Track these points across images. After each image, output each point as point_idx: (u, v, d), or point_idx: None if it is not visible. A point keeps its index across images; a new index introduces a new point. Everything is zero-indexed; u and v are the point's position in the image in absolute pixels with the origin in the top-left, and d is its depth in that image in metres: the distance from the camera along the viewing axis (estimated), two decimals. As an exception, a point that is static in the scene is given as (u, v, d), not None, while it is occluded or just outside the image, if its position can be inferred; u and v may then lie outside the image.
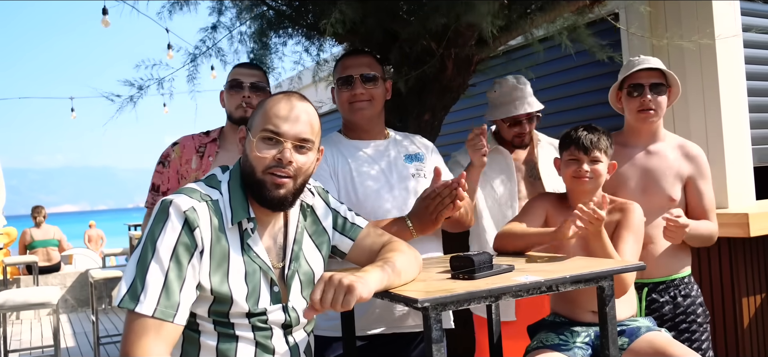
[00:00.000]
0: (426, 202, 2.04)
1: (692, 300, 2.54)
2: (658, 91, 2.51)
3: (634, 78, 2.53)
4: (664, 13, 4.02)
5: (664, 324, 2.49)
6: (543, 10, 2.89)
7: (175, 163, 2.47)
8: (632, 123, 2.59)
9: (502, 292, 1.56)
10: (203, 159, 2.45)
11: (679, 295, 2.53)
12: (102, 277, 6.12)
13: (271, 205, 1.59)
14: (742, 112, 3.94)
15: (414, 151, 2.39)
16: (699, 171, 2.56)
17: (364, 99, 2.28)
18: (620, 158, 2.56)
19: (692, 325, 2.52)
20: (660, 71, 2.53)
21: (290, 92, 1.67)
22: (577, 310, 2.23)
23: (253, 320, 1.57)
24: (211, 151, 2.47)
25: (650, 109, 2.50)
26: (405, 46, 2.92)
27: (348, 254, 1.83)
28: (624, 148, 2.60)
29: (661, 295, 2.52)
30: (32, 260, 8.77)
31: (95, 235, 12.91)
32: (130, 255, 8.13)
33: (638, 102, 2.51)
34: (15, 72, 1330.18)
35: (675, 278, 2.53)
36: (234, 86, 2.47)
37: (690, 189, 2.56)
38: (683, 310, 2.52)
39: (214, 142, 2.50)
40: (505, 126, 2.91)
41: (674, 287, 2.53)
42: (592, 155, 2.21)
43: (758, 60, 4.12)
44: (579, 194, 2.25)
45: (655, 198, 2.50)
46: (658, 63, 2.53)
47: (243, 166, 1.63)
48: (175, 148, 2.49)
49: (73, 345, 7.09)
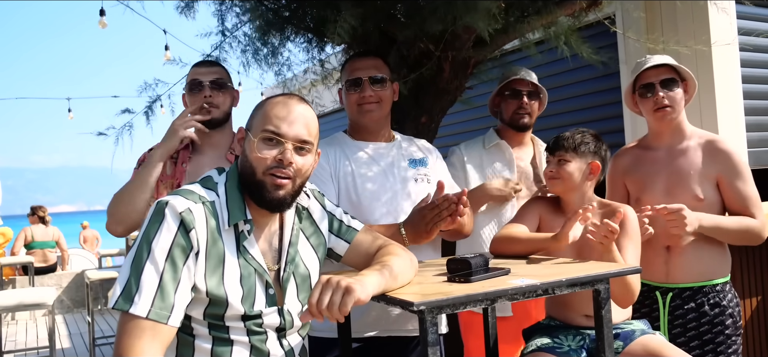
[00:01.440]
0: (422, 213, 2.03)
1: (721, 309, 2.41)
2: (670, 86, 2.46)
3: (643, 78, 2.50)
4: (661, 17, 4.03)
5: (687, 333, 2.43)
6: (539, 14, 2.89)
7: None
8: (652, 124, 2.55)
9: (498, 295, 1.56)
10: (177, 165, 2.37)
11: (706, 304, 2.42)
12: (98, 277, 6.11)
13: (271, 205, 1.59)
14: (738, 116, 3.95)
15: (418, 155, 2.39)
16: (729, 167, 2.44)
17: (373, 101, 2.29)
18: (644, 161, 2.54)
19: (718, 336, 2.41)
20: (670, 67, 2.48)
21: (289, 93, 1.68)
22: (570, 313, 2.24)
23: (248, 323, 1.57)
24: (184, 158, 2.38)
25: (665, 106, 2.45)
26: (402, 48, 2.92)
27: (344, 257, 1.83)
28: (648, 150, 2.57)
29: (686, 302, 2.44)
30: (28, 260, 8.74)
31: (91, 235, 12.86)
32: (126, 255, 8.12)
33: (652, 101, 2.47)
34: (13, 72, 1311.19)
35: (705, 285, 2.43)
36: (194, 87, 2.37)
37: (723, 187, 2.44)
38: (709, 319, 2.41)
39: (187, 149, 2.40)
40: (506, 104, 2.88)
41: (702, 295, 2.42)
42: (558, 155, 2.25)
43: (754, 63, 4.14)
44: (564, 197, 2.29)
45: (680, 198, 2.39)
46: (666, 59, 2.50)
47: (242, 167, 1.62)
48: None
49: (69, 346, 7.08)
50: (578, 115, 4.67)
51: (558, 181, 2.25)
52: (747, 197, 2.43)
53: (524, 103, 2.82)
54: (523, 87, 2.83)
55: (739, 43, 3.96)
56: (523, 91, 2.82)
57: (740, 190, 2.43)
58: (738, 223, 2.40)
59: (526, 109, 2.83)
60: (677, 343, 2.40)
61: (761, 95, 4.16)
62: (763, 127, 4.13)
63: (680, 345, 2.39)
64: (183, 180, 2.32)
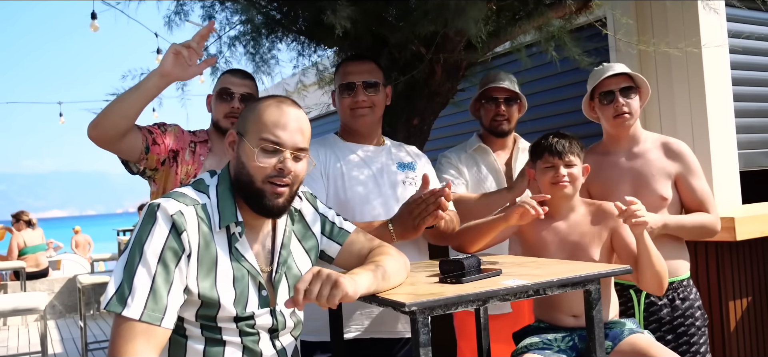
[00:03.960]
0: (409, 208, 2.05)
1: (690, 303, 2.53)
2: (628, 94, 2.54)
3: (603, 86, 2.57)
4: (651, 19, 4.05)
5: (662, 328, 2.50)
6: (531, 17, 2.91)
7: (171, 132, 2.37)
8: (610, 130, 2.63)
9: (490, 295, 1.57)
10: (194, 156, 2.40)
11: (677, 299, 2.52)
12: (90, 282, 6.09)
13: (271, 213, 1.60)
14: (729, 118, 3.98)
15: (407, 160, 2.40)
16: (685, 166, 2.56)
17: (366, 106, 2.30)
18: (605, 166, 2.59)
19: (690, 328, 2.51)
20: (627, 75, 2.56)
21: (281, 97, 1.67)
22: (559, 315, 2.25)
23: (240, 325, 1.57)
24: (203, 151, 2.42)
25: (624, 113, 2.53)
26: (394, 51, 2.93)
27: (336, 259, 1.83)
28: (606, 156, 2.63)
29: (659, 298, 2.52)
30: (20, 266, 8.70)
31: (83, 240, 12.79)
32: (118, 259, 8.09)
33: (612, 108, 2.55)
34: (3, 77, 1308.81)
35: (673, 281, 2.52)
36: (223, 95, 2.40)
37: (680, 186, 2.56)
38: (681, 313, 2.51)
39: (205, 143, 2.45)
40: (485, 110, 2.87)
41: (672, 290, 2.52)
42: (567, 160, 2.25)
43: (744, 66, 4.17)
44: (558, 200, 2.27)
45: (647, 199, 2.44)
46: (624, 68, 2.58)
47: (237, 173, 1.61)
48: (173, 125, 2.41)
49: (61, 351, 7.04)
50: (568, 117, 4.68)
51: (571, 184, 2.25)
52: (703, 194, 2.56)
53: (501, 111, 2.82)
54: (499, 94, 2.82)
55: (729, 46, 3.99)
56: (499, 98, 2.82)
57: (696, 187, 2.56)
58: (697, 220, 2.53)
59: (504, 115, 2.83)
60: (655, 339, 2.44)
61: (751, 97, 4.18)
62: (753, 130, 4.16)
63: (657, 340, 2.43)
64: (199, 171, 2.37)
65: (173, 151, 2.35)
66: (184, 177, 2.37)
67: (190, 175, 2.36)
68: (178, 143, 2.37)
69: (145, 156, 2.27)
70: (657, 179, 2.54)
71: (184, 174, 2.37)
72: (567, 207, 2.29)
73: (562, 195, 2.26)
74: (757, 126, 4.22)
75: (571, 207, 2.30)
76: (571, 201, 2.29)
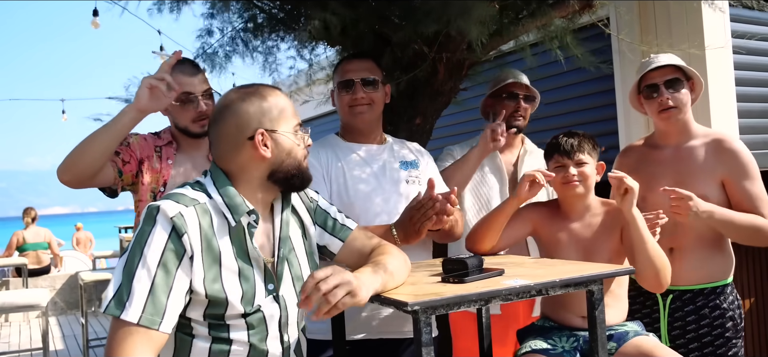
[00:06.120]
0: (411, 213, 2.04)
1: (721, 312, 2.39)
2: (675, 87, 2.43)
3: (648, 79, 2.48)
4: (654, 19, 4.05)
5: (686, 335, 2.42)
6: (534, 16, 2.90)
7: (135, 145, 2.32)
8: (658, 124, 2.53)
9: (492, 295, 1.56)
10: (162, 161, 2.35)
11: (706, 307, 2.40)
12: (92, 279, 6.09)
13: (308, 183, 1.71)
14: (732, 118, 3.97)
15: (410, 158, 2.40)
16: (736, 167, 2.38)
17: (365, 103, 2.30)
18: (649, 161, 2.52)
19: (717, 339, 2.38)
20: (675, 66, 2.46)
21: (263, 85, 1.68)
22: (567, 314, 2.24)
23: (249, 319, 1.57)
24: (169, 154, 2.37)
25: (670, 107, 2.43)
26: (396, 50, 2.92)
27: (337, 255, 1.83)
28: (654, 149, 2.55)
29: (686, 304, 2.42)
30: (22, 262, 8.71)
31: (84, 237, 12.81)
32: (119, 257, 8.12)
33: (657, 102, 2.45)
34: (6, 74, 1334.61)
35: (705, 288, 2.41)
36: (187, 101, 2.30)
37: (729, 188, 2.39)
38: (708, 322, 2.39)
39: (171, 145, 2.39)
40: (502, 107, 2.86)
41: (702, 297, 2.41)
42: (577, 158, 2.23)
43: (747, 66, 4.16)
44: (571, 199, 2.26)
45: None
46: (671, 59, 2.48)
47: (277, 165, 1.62)
48: (133, 135, 2.35)
49: (62, 348, 7.05)
50: (573, 117, 4.68)
51: (582, 183, 2.23)
52: (756, 197, 2.37)
53: (521, 107, 2.84)
54: (519, 90, 2.84)
55: (732, 46, 3.98)
56: (520, 94, 2.84)
57: (748, 189, 2.37)
58: (749, 221, 2.33)
59: (522, 112, 2.85)
60: (676, 345, 2.40)
61: (755, 98, 4.18)
62: (756, 130, 4.15)
63: (679, 346, 2.39)
64: (169, 175, 2.33)
65: (140, 160, 2.32)
66: (155, 185, 2.32)
67: (160, 182, 2.32)
68: (142, 151, 2.33)
69: (120, 179, 2.27)
70: (699, 178, 2.40)
71: (154, 181, 2.32)
72: (582, 206, 2.27)
73: (574, 194, 2.24)
74: (760, 126, 4.21)
75: (587, 206, 2.28)
76: (585, 200, 2.27)
